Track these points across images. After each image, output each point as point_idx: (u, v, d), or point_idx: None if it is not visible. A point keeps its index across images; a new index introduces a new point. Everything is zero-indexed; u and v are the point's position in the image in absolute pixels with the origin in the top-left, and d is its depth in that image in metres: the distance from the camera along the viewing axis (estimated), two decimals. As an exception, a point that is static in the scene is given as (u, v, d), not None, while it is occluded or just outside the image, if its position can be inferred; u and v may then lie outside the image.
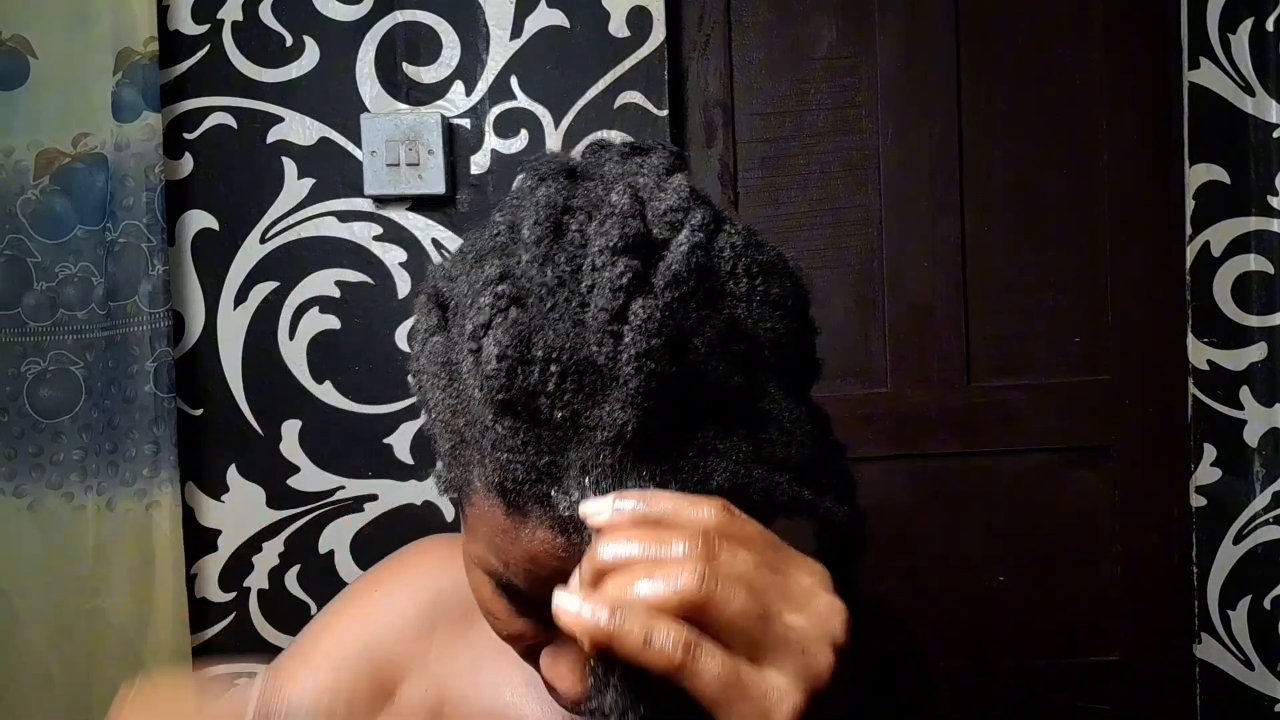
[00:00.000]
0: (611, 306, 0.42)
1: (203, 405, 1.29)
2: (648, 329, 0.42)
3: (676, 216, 0.45)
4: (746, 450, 0.45)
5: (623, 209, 0.45)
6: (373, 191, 1.26)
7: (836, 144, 1.34)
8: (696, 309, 0.44)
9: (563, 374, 0.42)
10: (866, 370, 1.35)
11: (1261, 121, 1.27)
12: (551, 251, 0.45)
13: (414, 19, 1.27)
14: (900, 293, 1.34)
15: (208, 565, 1.29)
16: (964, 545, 1.35)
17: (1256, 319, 1.29)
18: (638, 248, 0.43)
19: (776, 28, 1.34)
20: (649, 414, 0.42)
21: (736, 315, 0.46)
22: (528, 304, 0.44)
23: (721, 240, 0.47)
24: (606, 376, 0.42)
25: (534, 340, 0.43)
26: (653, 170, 0.49)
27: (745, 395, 0.46)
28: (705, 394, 0.44)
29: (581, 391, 0.42)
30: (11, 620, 1.22)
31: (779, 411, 0.47)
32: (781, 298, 0.49)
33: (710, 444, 0.44)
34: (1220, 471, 1.30)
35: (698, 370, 0.44)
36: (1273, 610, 1.29)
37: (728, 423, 0.45)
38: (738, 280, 0.47)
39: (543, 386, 0.42)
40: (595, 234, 0.44)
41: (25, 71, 1.23)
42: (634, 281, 0.42)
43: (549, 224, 0.46)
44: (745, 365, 0.46)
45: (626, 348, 0.42)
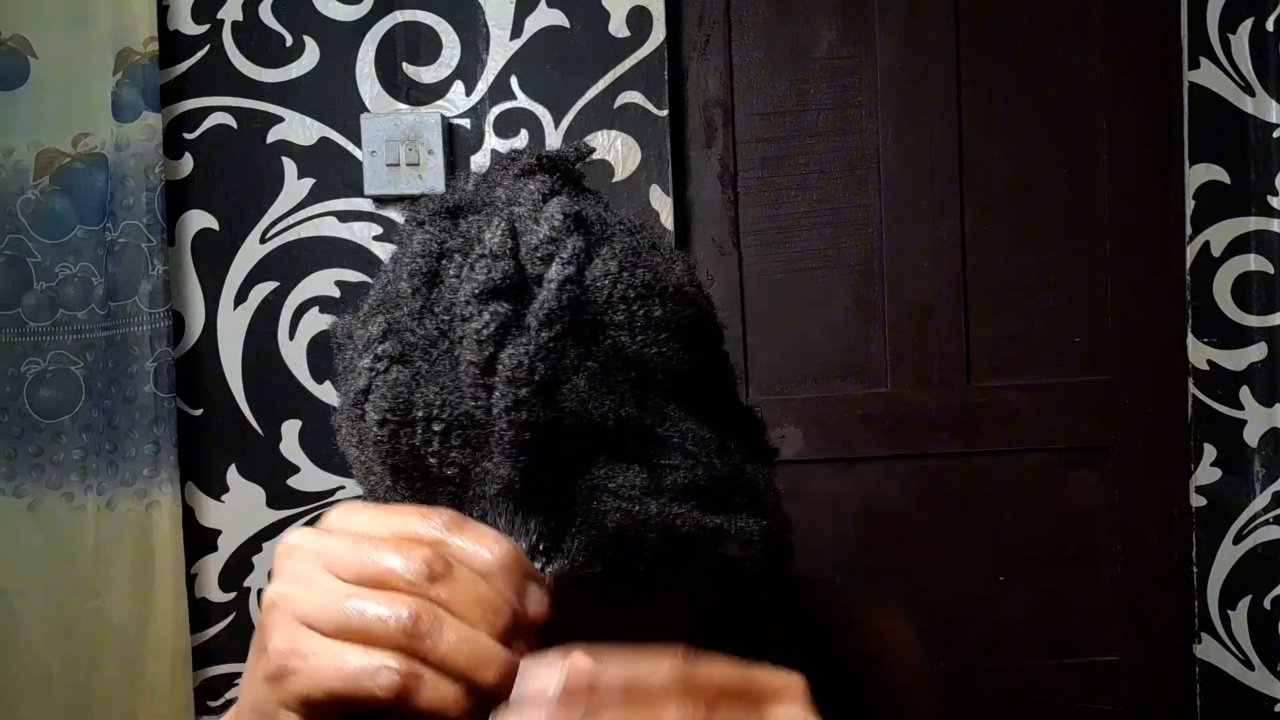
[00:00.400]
0: (479, 359, 0.41)
1: (203, 405, 1.29)
2: (516, 379, 0.40)
3: (549, 249, 0.43)
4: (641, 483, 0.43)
5: (493, 249, 0.43)
6: (373, 191, 1.26)
7: (836, 144, 1.34)
8: (574, 345, 0.42)
9: (445, 432, 0.41)
10: (866, 370, 1.35)
11: (1261, 121, 1.27)
12: (429, 302, 0.44)
13: (414, 19, 1.27)
14: (900, 293, 1.34)
15: (208, 565, 1.29)
16: (964, 545, 1.35)
17: (1256, 319, 1.29)
18: (508, 290, 0.42)
19: (776, 28, 1.34)
20: (531, 463, 0.41)
21: (620, 343, 0.44)
22: (413, 359, 0.43)
23: (596, 269, 0.45)
24: (486, 429, 0.41)
25: (415, 399, 0.42)
26: (529, 198, 0.47)
27: (640, 424, 0.44)
28: (591, 432, 0.42)
29: (467, 446, 0.41)
30: (11, 620, 1.22)
31: (680, 435, 0.45)
32: (664, 318, 0.46)
33: (601, 484, 0.42)
34: (1220, 471, 1.30)
35: (581, 409, 0.42)
36: (1273, 610, 1.29)
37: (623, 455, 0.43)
38: (614, 308, 0.44)
39: (427, 446, 0.42)
40: (464, 280, 0.43)
41: (25, 71, 1.23)
42: (500, 329, 0.41)
43: (423, 275, 0.45)
44: (637, 393, 0.44)
45: (497, 401, 0.41)
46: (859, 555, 1.35)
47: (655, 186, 1.28)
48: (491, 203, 0.49)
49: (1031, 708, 1.35)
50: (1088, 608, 1.36)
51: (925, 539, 1.35)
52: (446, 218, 0.48)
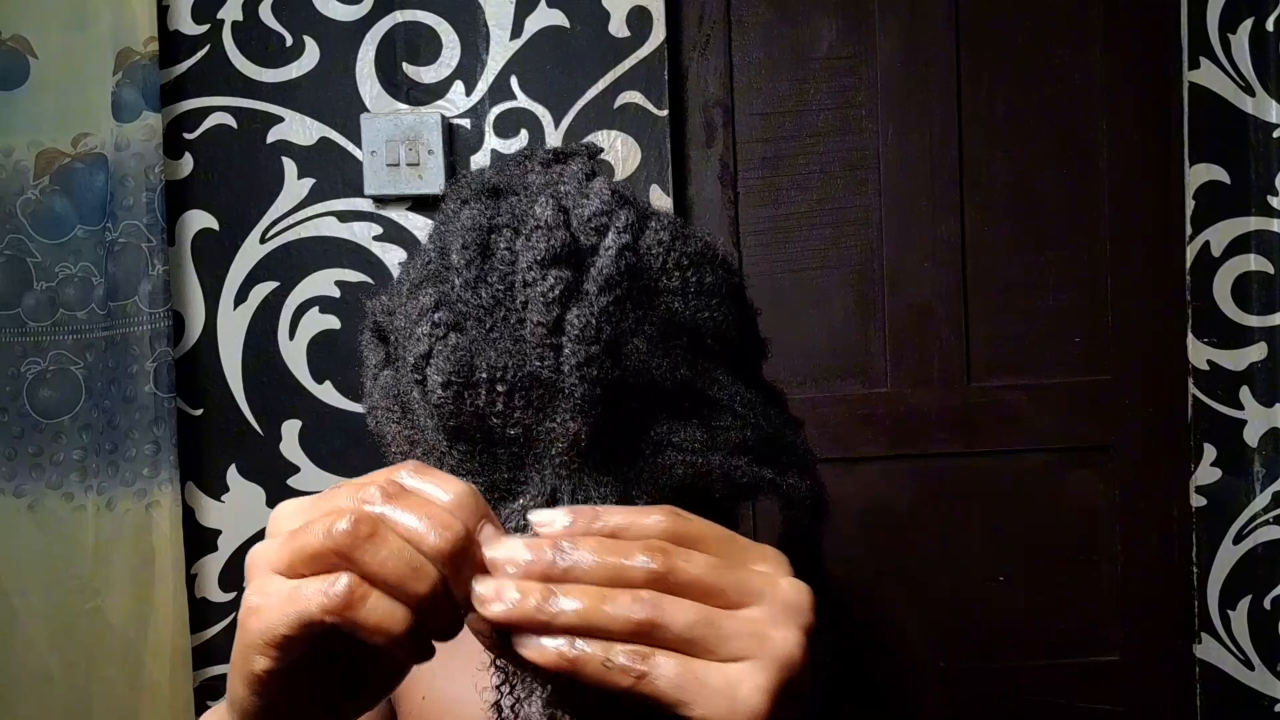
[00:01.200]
0: (547, 320, 0.42)
1: (203, 405, 1.29)
2: (585, 337, 0.42)
3: (601, 221, 0.45)
4: (702, 439, 0.46)
5: (547, 221, 0.45)
6: (373, 191, 1.26)
7: (836, 144, 1.34)
8: (633, 309, 0.44)
9: (509, 393, 0.42)
10: (866, 370, 1.35)
11: (1261, 121, 1.27)
12: (483, 272, 0.45)
13: (414, 19, 1.27)
14: (900, 293, 1.34)
15: (208, 565, 1.29)
16: (964, 545, 1.35)
17: (1256, 319, 1.29)
18: (566, 258, 0.44)
19: (776, 28, 1.34)
20: (599, 420, 0.42)
21: (673, 309, 0.47)
22: (466, 328, 0.44)
23: (648, 238, 0.47)
24: (552, 389, 0.42)
25: (477, 363, 0.43)
26: (573, 177, 0.49)
27: (693, 386, 0.46)
28: (653, 391, 0.45)
29: (530, 407, 0.43)
30: (11, 620, 1.22)
31: (729, 397, 0.48)
32: (715, 285, 0.49)
33: (665, 438, 0.45)
34: (1220, 471, 1.30)
35: (642, 369, 0.44)
36: (1273, 610, 1.29)
37: (680, 415, 0.46)
38: (669, 275, 0.47)
39: (491, 407, 0.43)
40: (523, 249, 0.44)
41: (25, 71, 1.23)
42: (565, 292, 0.43)
43: (477, 246, 0.46)
44: (689, 357, 0.47)
45: (567, 359, 0.42)
46: (859, 555, 1.35)
47: (655, 186, 1.28)
48: (526, 187, 0.51)
49: (1031, 708, 1.35)
50: (1088, 608, 1.36)
51: (925, 539, 1.35)
52: (489, 196, 0.50)
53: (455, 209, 0.50)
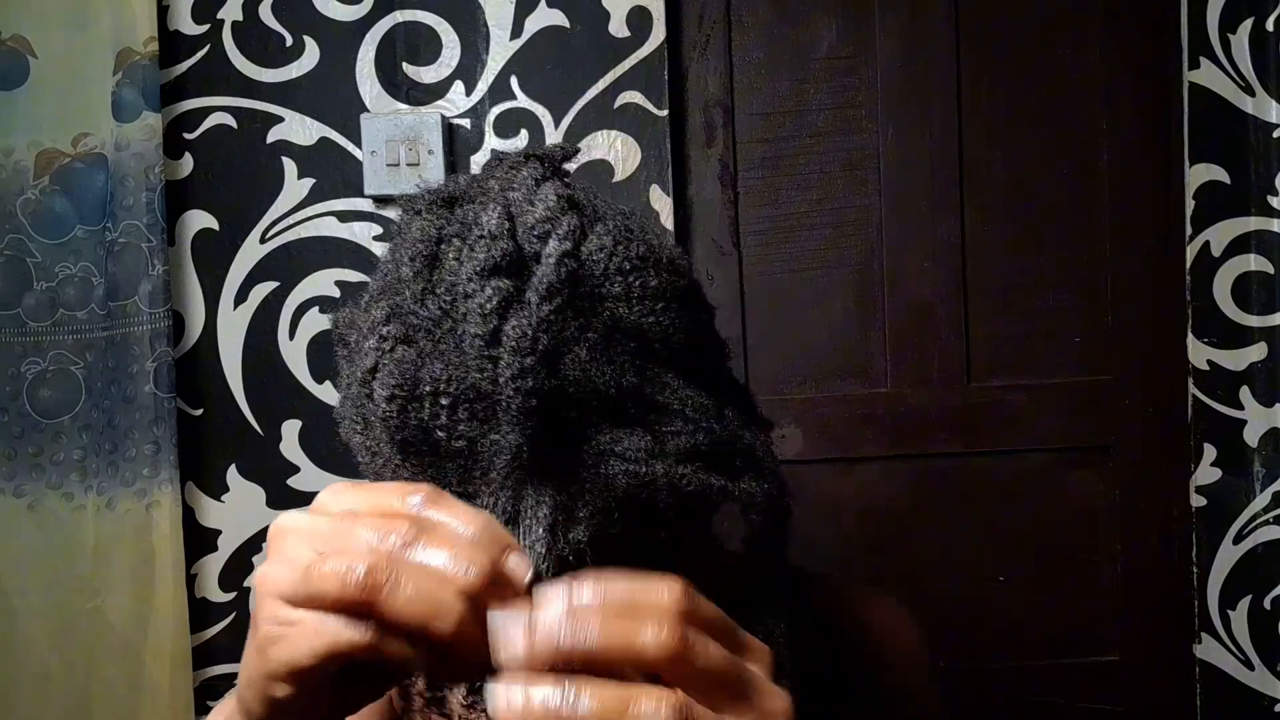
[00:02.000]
0: (484, 331, 0.43)
1: (203, 405, 1.29)
2: (521, 349, 0.42)
3: (544, 228, 0.45)
4: (647, 447, 0.45)
5: (490, 230, 0.45)
6: (373, 191, 1.26)
7: (836, 144, 1.34)
8: (574, 317, 0.44)
9: (452, 405, 0.42)
10: (866, 370, 1.35)
11: (1261, 121, 1.27)
12: (430, 284, 0.45)
13: (414, 19, 1.27)
14: (900, 293, 1.34)
15: (208, 565, 1.29)
16: (964, 545, 1.35)
17: (1256, 319, 1.29)
18: (508, 267, 0.44)
19: (776, 28, 1.34)
20: (538, 431, 0.42)
21: (618, 314, 0.46)
22: (416, 340, 0.44)
23: (591, 244, 0.47)
24: (493, 401, 0.42)
25: (421, 376, 0.43)
26: (524, 183, 0.49)
27: (640, 392, 0.46)
28: (595, 399, 0.44)
29: (474, 419, 0.43)
30: (11, 620, 1.22)
31: (679, 401, 0.47)
32: (660, 289, 0.48)
33: (608, 448, 0.44)
34: (1220, 471, 1.30)
35: (583, 378, 0.44)
36: (1273, 610, 1.29)
37: (626, 423, 0.45)
38: (611, 280, 0.46)
39: (435, 420, 0.43)
40: (465, 260, 0.44)
41: (25, 71, 1.23)
42: (504, 303, 0.43)
43: (424, 258, 0.46)
44: (637, 362, 0.46)
45: (503, 370, 0.42)
46: (859, 555, 1.35)
47: (655, 186, 1.28)
48: (485, 192, 0.51)
49: (1031, 708, 1.35)
50: (1088, 608, 1.36)
51: (925, 539, 1.35)
52: (443, 206, 0.50)
53: (407, 220, 0.50)
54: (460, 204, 0.50)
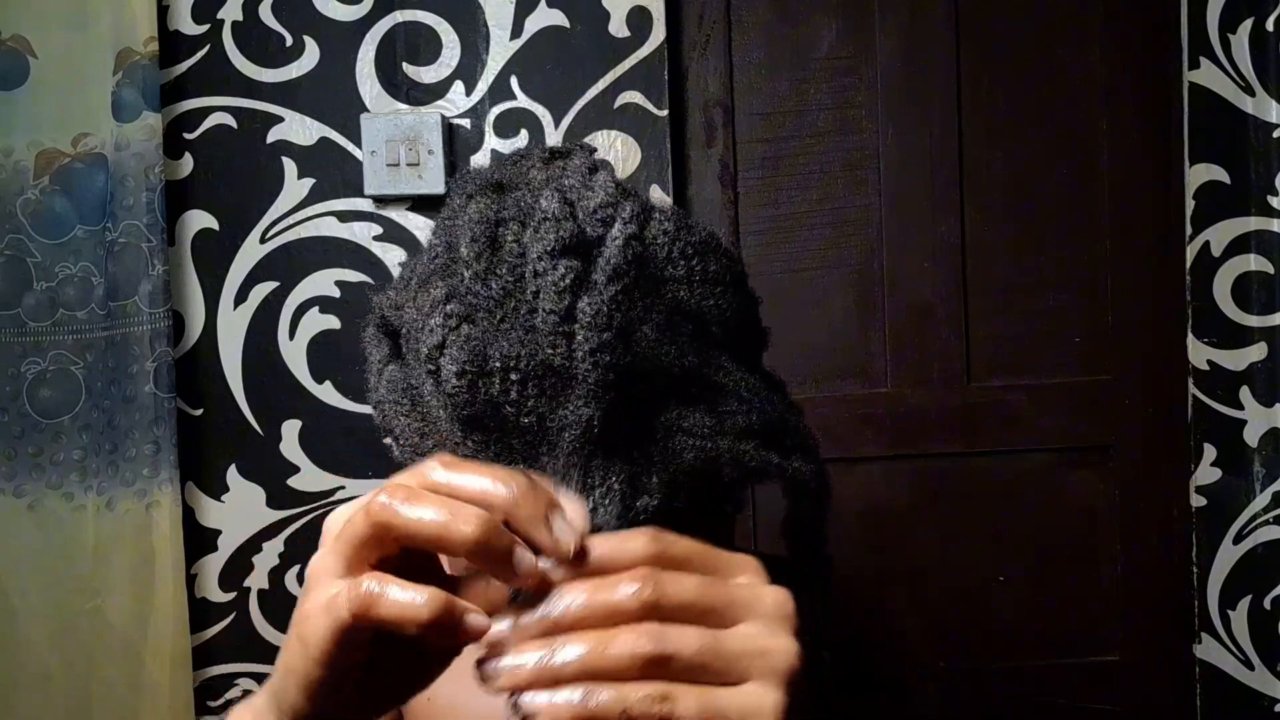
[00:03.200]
0: (559, 308, 0.43)
1: (203, 405, 1.29)
2: (597, 324, 0.43)
3: (607, 213, 0.47)
4: (710, 424, 0.46)
5: (554, 213, 0.45)
6: (373, 191, 1.26)
7: (836, 144, 1.34)
8: (640, 298, 0.45)
9: (523, 380, 0.43)
10: (866, 370, 1.35)
11: (1261, 121, 1.27)
12: (492, 264, 0.46)
13: (414, 19, 1.27)
14: (900, 293, 1.34)
15: (208, 565, 1.29)
16: (964, 545, 1.35)
17: (1256, 319, 1.29)
18: (574, 248, 0.45)
19: (776, 28, 1.34)
20: (611, 406, 0.43)
21: (679, 297, 0.48)
22: (477, 319, 0.45)
23: (653, 228, 0.49)
24: (565, 376, 0.43)
25: (490, 353, 0.43)
26: (576, 171, 0.50)
27: (700, 372, 0.47)
28: (662, 377, 0.46)
29: (544, 395, 0.43)
30: (11, 620, 1.22)
31: (735, 382, 0.49)
32: (719, 274, 0.50)
33: (675, 423, 0.45)
34: (1220, 471, 1.30)
35: (651, 355, 0.45)
36: (1273, 610, 1.29)
37: (688, 400, 0.46)
38: (674, 264, 0.48)
39: (505, 396, 0.43)
40: (532, 241, 0.45)
41: (25, 71, 1.23)
42: (576, 281, 0.44)
43: (485, 239, 0.47)
44: (695, 344, 0.48)
45: (579, 345, 0.43)
46: (859, 555, 1.35)
47: (655, 186, 1.28)
48: (529, 182, 0.52)
49: (1031, 708, 1.35)
50: (1088, 608, 1.36)
51: (925, 539, 1.35)
52: (494, 191, 0.51)
53: (461, 204, 0.50)
54: (508, 191, 0.51)
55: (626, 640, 0.35)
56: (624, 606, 0.35)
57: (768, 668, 0.37)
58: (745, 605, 0.38)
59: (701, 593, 0.37)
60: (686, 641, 0.36)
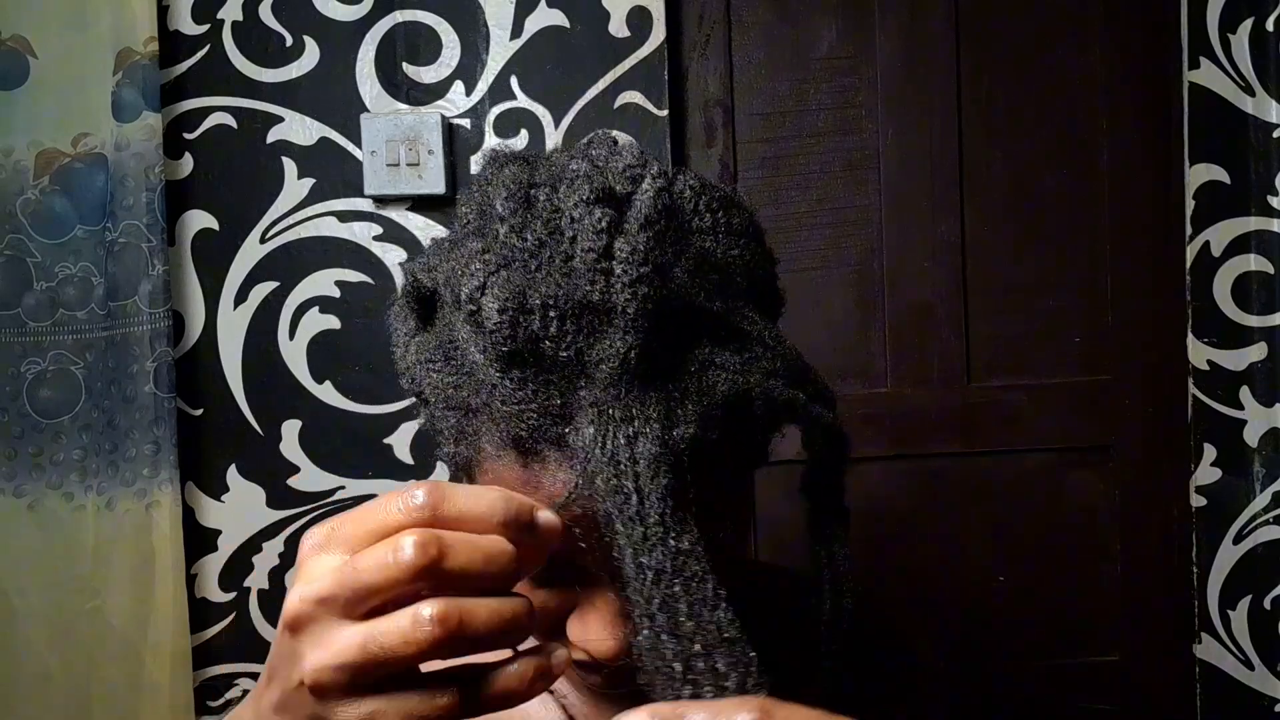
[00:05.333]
0: (597, 247, 0.45)
1: (203, 405, 1.29)
2: (634, 259, 0.44)
3: (635, 171, 0.48)
4: (739, 362, 0.48)
5: (585, 171, 0.47)
6: (373, 191, 1.26)
7: (836, 144, 1.34)
8: (670, 245, 0.47)
9: (562, 317, 0.44)
10: (866, 370, 1.35)
11: (1261, 121, 1.27)
12: (528, 219, 0.47)
13: (414, 19, 1.27)
14: (900, 293, 1.34)
15: (208, 565, 1.29)
16: (964, 545, 1.35)
17: (1256, 319, 1.29)
18: (607, 199, 0.46)
19: (776, 28, 1.34)
20: (647, 339, 0.44)
21: (705, 247, 0.50)
22: (514, 267, 0.46)
23: (680, 184, 0.51)
24: (603, 313, 0.44)
25: (529, 293, 0.45)
26: (600, 143, 0.52)
27: (726, 318, 0.49)
28: (693, 316, 0.47)
29: (582, 331, 0.45)
30: (11, 620, 1.22)
31: (759, 330, 0.50)
32: (742, 227, 0.53)
33: (708, 359, 0.47)
34: (1220, 471, 1.30)
35: (683, 296, 0.47)
36: (1273, 610, 1.29)
37: (718, 341, 0.48)
38: (701, 216, 0.51)
39: (545, 331, 0.44)
40: (566, 194, 0.47)
41: (25, 71, 1.23)
42: (612, 224, 0.45)
43: (520, 197, 0.48)
44: (721, 291, 0.50)
45: (618, 279, 0.44)
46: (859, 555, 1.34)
47: (655, 186, 1.28)
48: (554, 161, 0.53)
49: (1032, 708, 1.35)
50: (1088, 608, 1.36)
51: (925, 539, 1.35)
52: (524, 162, 0.52)
53: (493, 172, 0.52)
54: (539, 164, 0.53)
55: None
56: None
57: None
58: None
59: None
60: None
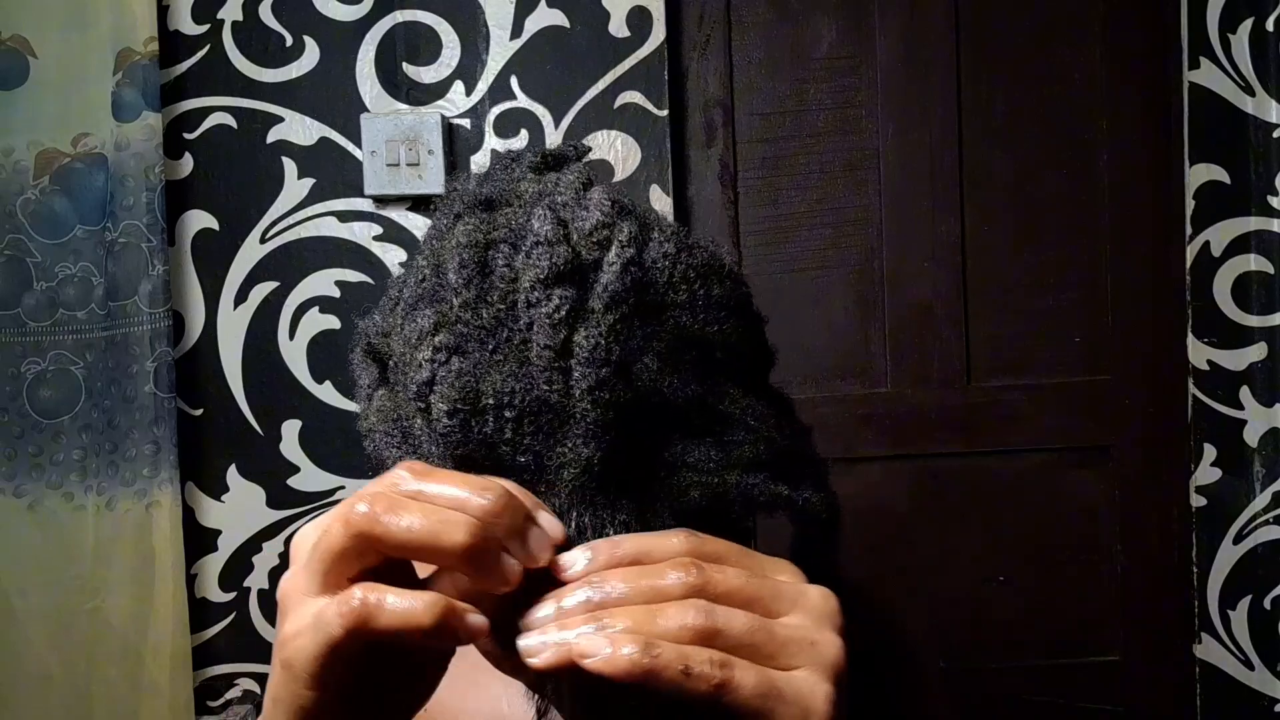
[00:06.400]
0: (554, 342, 0.41)
1: (203, 405, 1.29)
2: (595, 359, 0.41)
3: (603, 235, 0.44)
4: (717, 458, 0.45)
5: (547, 236, 0.43)
6: (373, 191, 1.26)
7: (836, 144, 1.34)
8: (640, 326, 0.43)
9: (518, 418, 0.41)
10: (866, 370, 1.35)
11: (1261, 121, 1.27)
12: (482, 292, 0.44)
13: (414, 19, 1.27)
14: (900, 293, 1.34)
15: (208, 565, 1.29)
16: (964, 545, 1.35)
17: (1256, 319, 1.29)
18: (569, 275, 0.42)
19: (776, 28, 1.34)
20: (613, 443, 0.41)
21: (682, 324, 0.45)
22: (469, 350, 0.43)
23: (653, 250, 0.46)
24: (562, 413, 0.41)
25: (482, 389, 0.41)
26: (569, 187, 0.47)
27: (705, 402, 0.45)
28: (665, 410, 0.44)
29: (540, 432, 0.41)
30: (11, 620, 1.22)
31: (741, 411, 0.47)
32: (723, 298, 0.48)
33: (680, 459, 0.44)
34: (1220, 471, 1.30)
35: (653, 388, 0.43)
36: (1273, 610, 1.29)
37: (693, 433, 0.45)
38: (676, 289, 0.45)
39: (500, 435, 0.41)
40: (524, 267, 0.43)
41: (25, 71, 1.23)
42: (571, 312, 0.41)
43: (475, 264, 0.44)
44: (699, 372, 0.45)
45: (577, 383, 0.41)
46: (859, 555, 1.35)
47: (655, 186, 1.28)
48: (519, 196, 0.49)
49: (1031, 708, 1.35)
50: (1088, 608, 1.36)
51: (925, 539, 1.35)
52: (483, 209, 0.48)
53: (448, 224, 0.48)
54: (498, 207, 0.48)
55: (676, 612, 0.35)
56: (669, 590, 0.35)
57: (817, 658, 0.37)
58: (790, 599, 0.37)
59: (746, 582, 0.37)
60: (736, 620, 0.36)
